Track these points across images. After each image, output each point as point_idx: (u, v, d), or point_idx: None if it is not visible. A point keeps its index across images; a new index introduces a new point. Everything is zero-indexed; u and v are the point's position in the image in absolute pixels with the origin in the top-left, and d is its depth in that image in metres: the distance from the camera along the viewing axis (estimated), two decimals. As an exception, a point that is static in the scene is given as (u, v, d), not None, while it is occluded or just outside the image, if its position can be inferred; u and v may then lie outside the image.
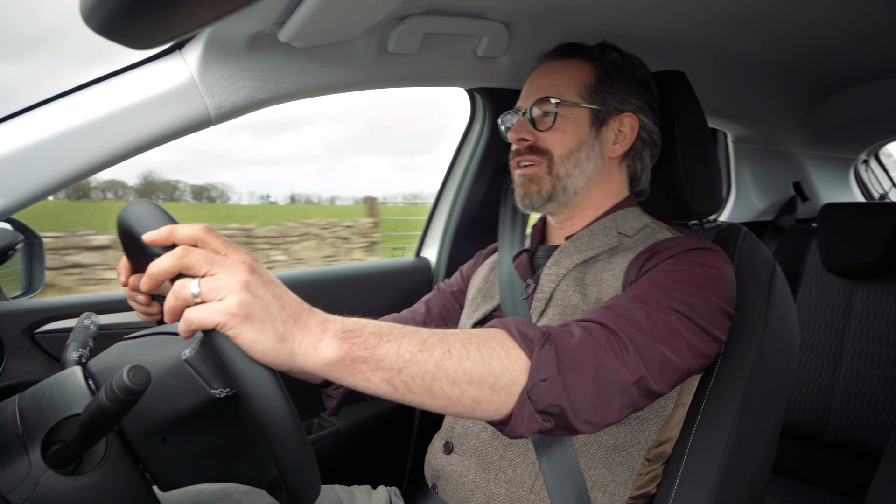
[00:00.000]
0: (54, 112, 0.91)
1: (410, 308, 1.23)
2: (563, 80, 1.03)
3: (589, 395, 0.70)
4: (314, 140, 39.41)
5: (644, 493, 0.92)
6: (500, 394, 0.67)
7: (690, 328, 0.79)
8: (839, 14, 1.29)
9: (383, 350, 0.60)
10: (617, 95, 1.03)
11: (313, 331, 0.57)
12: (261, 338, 0.53)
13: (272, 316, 0.54)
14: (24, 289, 1.16)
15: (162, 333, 0.69)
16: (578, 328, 0.74)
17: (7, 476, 0.57)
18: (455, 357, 0.64)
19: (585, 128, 1.02)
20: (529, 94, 1.05)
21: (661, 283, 0.83)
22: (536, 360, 0.68)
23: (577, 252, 1.00)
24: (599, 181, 1.04)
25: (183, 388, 0.62)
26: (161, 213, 0.60)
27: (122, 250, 0.82)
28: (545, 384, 0.68)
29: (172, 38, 0.40)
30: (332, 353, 0.57)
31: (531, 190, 1.03)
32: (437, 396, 0.63)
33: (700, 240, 0.93)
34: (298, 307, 0.58)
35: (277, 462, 0.57)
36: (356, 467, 1.45)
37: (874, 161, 2.48)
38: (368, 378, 0.60)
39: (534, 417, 0.68)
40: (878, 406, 1.63)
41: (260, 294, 0.54)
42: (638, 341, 0.74)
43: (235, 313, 0.53)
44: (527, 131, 1.02)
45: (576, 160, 1.01)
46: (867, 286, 1.73)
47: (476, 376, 0.65)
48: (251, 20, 0.95)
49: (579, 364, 0.70)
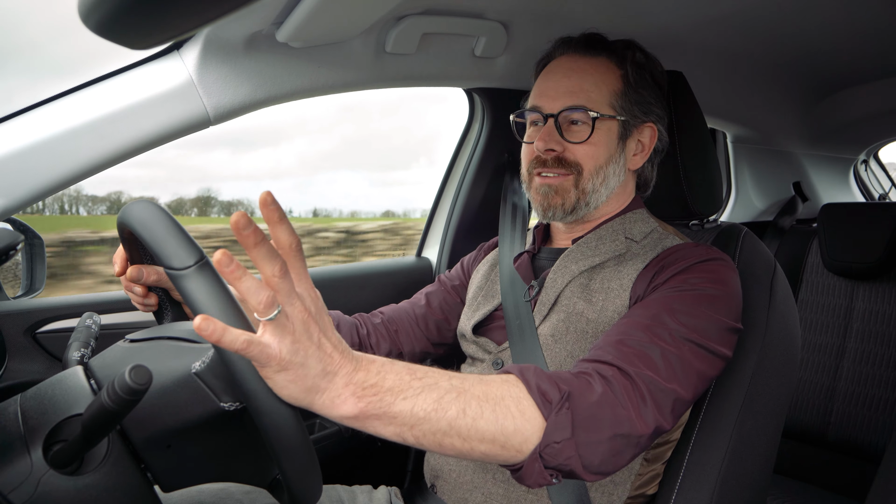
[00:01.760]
0: (53, 112, 0.92)
1: (410, 300, 1.22)
2: (595, 86, 0.96)
3: (602, 453, 0.70)
4: (291, 156, 38.98)
5: (642, 492, 0.92)
6: (511, 451, 0.67)
7: (702, 356, 0.79)
8: (839, 14, 1.29)
9: (398, 408, 0.60)
10: (643, 105, 0.99)
11: (337, 386, 0.58)
12: (289, 387, 0.55)
13: (307, 371, 0.55)
14: (26, 289, 1.16)
15: (167, 338, 0.69)
16: (599, 380, 0.73)
17: (9, 476, 0.57)
18: (469, 417, 0.64)
19: (614, 141, 0.97)
20: (556, 96, 0.97)
21: (672, 305, 0.82)
22: (552, 424, 0.68)
23: (584, 258, 0.98)
24: (617, 192, 1.01)
25: (192, 401, 0.62)
26: (163, 213, 0.60)
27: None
28: (558, 446, 0.68)
29: (170, 38, 0.40)
30: (349, 410, 0.58)
31: (555, 202, 0.98)
32: (447, 449, 0.64)
33: (709, 248, 0.91)
34: (332, 361, 0.58)
35: (281, 468, 0.58)
36: (357, 467, 1.45)
37: (874, 161, 2.48)
38: (380, 431, 0.61)
39: (543, 474, 0.69)
40: (880, 406, 1.63)
41: (305, 348, 0.55)
42: (654, 388, 0.74)
43: (278, 363, 0.53)
44: (556, 141, 0.96)
45: (604, 176, 0.97)
46: (868, 286, 1.72)
47: (488, 436, 0.65)
48: (249, 20, 0.95)
49: (596, 423, 0.70)
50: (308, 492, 0.60)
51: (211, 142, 14.54)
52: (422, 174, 12.02)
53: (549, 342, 0.94)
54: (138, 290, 0.85)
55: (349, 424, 0.60)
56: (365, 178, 11.96)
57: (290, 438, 0.56)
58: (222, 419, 0.63)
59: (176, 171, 9.27)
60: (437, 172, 1.65)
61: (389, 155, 12.93)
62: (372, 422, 0.60)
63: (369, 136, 12.45)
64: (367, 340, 1.12)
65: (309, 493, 0.60)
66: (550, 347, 0.93)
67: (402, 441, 0.62)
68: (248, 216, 0.52)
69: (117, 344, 0.70)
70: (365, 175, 12.89)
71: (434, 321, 1.18)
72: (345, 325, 1.11)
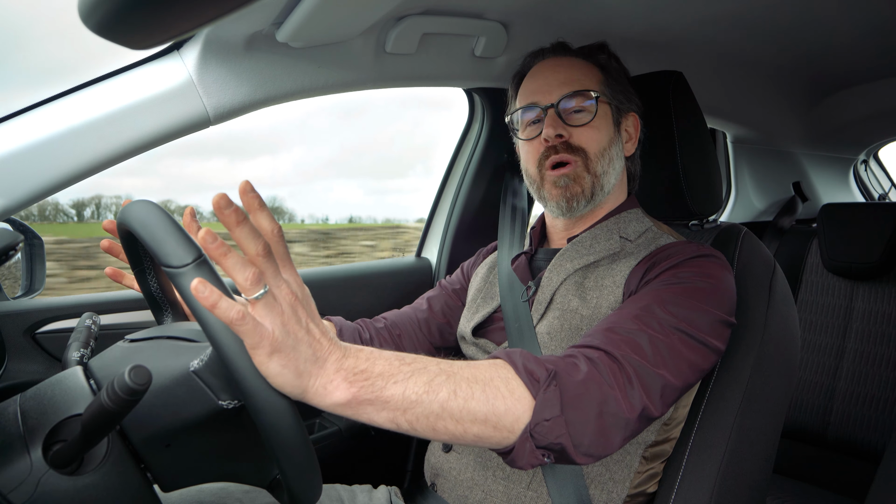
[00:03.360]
0: (53, 112, 0.92)
1: (412, 305, 1.23)
2: (583, 75, 1.00)
3: (591, 432, 0.71)
4: (288, 164, 39.12)
5: (641, 490, 0.93)
6: (503, 431, 0.67)
7: (692, 346, 0.79)
8: (838, 14, 1.29)
9: (389, 392, 0.60)
10: (624, 94, 1.03)
11: (328, 372, 0.58)
12: (282, 372, 0.55)
13: (298, 354, 0.56)
14: (25, 289, 1.16)
15: (166, 337, 0.69)
16: (585, 361, 0.74)
17: (8, 476, 0.57)
18: (460, 398, 0.64)
19: (611, 125, 1.01)
20: (551, 89, 0.99)
21: (663, 297, 0.82)
22: (541, 402, 0.69)
23: (579, 256, 0.99)
24: (618, 181, 1.04)
25: (191, 399, 0.62)
26: (160, 212, 0.60)
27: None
28: (548, 423, 0.68)
29: (170, 38, 0.41)
30: (341, 396, 0.58)
31: (575, 191, 0.98)
32: (441, 433, 0.64)
33: (700, 245, 0.92)
34: (321, 346, 0.58)
35: (281, 466, 0.58)
36: (357, 467, 1.45)
37: (873, 161, 2.48)
38: (373, 417, 0.61)
39: (534, 453, 0.69)
40: (880, 406, 1.63)
41: (294, 330, 0.56)
42: (641, 371, 0.75)
43: (270, 343, 0.54)
44: (561, 126, 0.98)
45: (609, 157, 0.99)
46: (868, 286, 1.73)
47: (480, 416, 0.65)
48: (249, 20, 0.95)
49: (583, 401, 0.71)
50: (308, 491, 0.60)
51: (208, 150, 14.51)
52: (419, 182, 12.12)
53: (546, 340, 0.94)
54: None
55: (343, 412, 0.60)
56: (361, 185, 11.93)
57: (289, 436, 0.56)
58: (221, 418, 0.63)
59: (172, 180, 9.24)
60: (433, 182, 1.66)
61: (385, 163, 12.91)
62: (365, 407, 0.60)
63: (366, 146, 12.41)
64: (370, 345, 1.12)
65: (309, 493, 0.60)
66: (547, 345, 0.94)
67: (396, 428, 0.62)
68: (228, 198, 0.52)
69: (117, 344, 0.70)
70: (361, 182, 12.87)
71: (436, 325, 1.18)
72: (347, 331, 1.12)
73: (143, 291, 0.82)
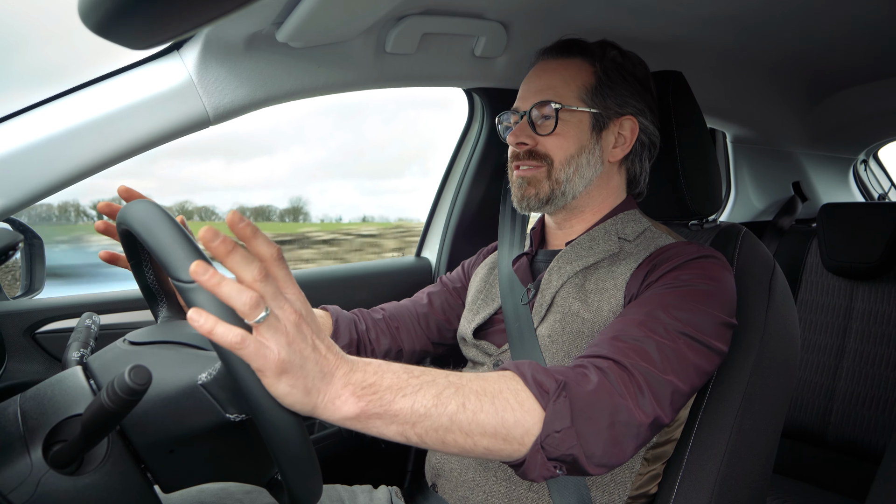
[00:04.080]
0: (53, 112, 0.92)
1: (412, 298, 1.22)
2: (563, 82, 1.01)
3: (603, 442, 0.70)
4: (286, 165, 38.83)
5: (643, 492, 0.93)
6: (514, 444, 0.67)
7: (697, 350, 0.80)
8: (838, 14, 1.29)
9: (398, 406, 0.60)
10: (617, 98, 1.01)
11: (335, 387, 0.58)
12: (291, 392, 0.55)
13: (306, 372, 0.56)
14: (25, 289, 1.16)
15: (170, 342, 0.68)
16: (595, 371, 0.74)
17: (9, 476, 0.57)
18: (469, 411, 0.64)
19: (586, 132, 1.00)
20: (528, 95, 1.02)
21: (666, 301, 0.82)
22: (551, 413, 0.68)
23: (578, 258, 0.99)
24: (599, 185, 1.03)
25: (197, 411, 0.62)
26: (166, 217, 0.60)
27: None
28: (559, 435, 0.68)
29: (170, 38, 0.41)
30: (350, 411, 0.58)
31: (528, 192, 1.01)
32: (451, 446, 0.64)
33: (700, 246, 0.92)
34: (328, 362, 0.58)
35: (284, 474, 0.58)
36: (358, 467, 1.45)
37: (873, 161, 2.48)
38: (382, 431, 0.61)
39: (546, 465, 0.69)
40: (880, 406, 1.63)
41: (301, 348, 0.55)
42: (651, 379, 0.75)
43: (276, 365, 0.53)
44: (526, 135, 1.00)
45: (576, 165, 1.00)
46: (868, 286, 1.73)
47: (489, 429, 0.65)
48: (249, 20, 0.95)
49: (594, 411, 0.70)
50: (308, 492, 0.60)
51: (205, 151, 14.46)
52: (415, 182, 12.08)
53: (547, 343, 0.94)
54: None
55: (352, 426, 0.60)
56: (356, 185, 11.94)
57: (295, 450, 0.56)
58: (226, 428, 0.63)
59: (168, 182, 9.16)
60: (432, 182, 1.66)
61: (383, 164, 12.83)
62: (374, 421, 0.60)
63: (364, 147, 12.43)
64: (367, 336, 1.12)
65: (309, 494, 0.60)
66: (548, 348, 0.94)
67: (406, 441, 0.62)
68: (215, 230, 0.52)
69: (115, 343, 0.70)
70: (357, 183, 12.84)
71: (435, 321, 1.18)
72: (343, 321, 1.10)
73: (138, 284, 0.81)
